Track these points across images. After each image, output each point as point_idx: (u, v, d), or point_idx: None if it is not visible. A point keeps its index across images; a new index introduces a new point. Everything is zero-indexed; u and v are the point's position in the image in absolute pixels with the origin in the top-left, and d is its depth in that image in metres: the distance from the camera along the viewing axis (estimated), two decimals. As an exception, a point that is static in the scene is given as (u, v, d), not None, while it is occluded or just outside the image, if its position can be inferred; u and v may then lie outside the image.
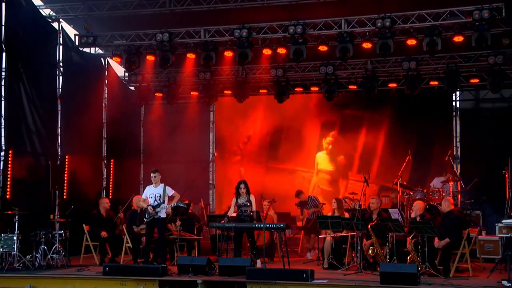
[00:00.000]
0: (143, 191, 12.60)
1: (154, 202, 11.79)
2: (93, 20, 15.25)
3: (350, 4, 13.94)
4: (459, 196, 14.83)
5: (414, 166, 16.41)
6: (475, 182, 14.98)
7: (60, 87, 15.07)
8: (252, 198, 12.04)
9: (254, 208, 12.02)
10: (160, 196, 11.77)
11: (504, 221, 11.36)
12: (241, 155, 18.86)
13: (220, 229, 12.17)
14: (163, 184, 11.96)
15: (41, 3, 15.10)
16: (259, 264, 11.62)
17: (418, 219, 11.37)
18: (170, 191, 11.90)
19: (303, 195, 14.99)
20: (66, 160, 14.69)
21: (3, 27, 13.17)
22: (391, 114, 17.87)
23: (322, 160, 18.42)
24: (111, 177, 16.86)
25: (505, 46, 14.45)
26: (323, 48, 14.74)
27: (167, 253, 12.54)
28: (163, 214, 11.84)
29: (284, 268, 11.11)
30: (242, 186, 12.04)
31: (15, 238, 11.59)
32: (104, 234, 12.93)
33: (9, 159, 12.97)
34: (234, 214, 12.29)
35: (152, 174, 12.02)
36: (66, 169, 14.50)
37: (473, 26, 13.33)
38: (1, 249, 11.60)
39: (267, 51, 15.08)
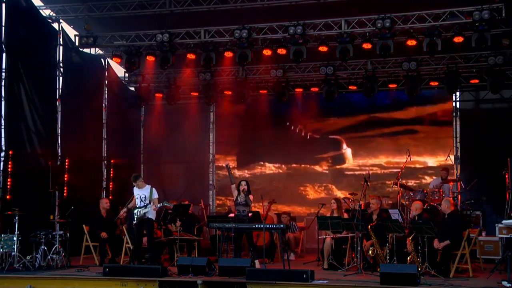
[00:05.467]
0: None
1: (140, 203, 11.82)
2: (93, 21, 15.26)
3: (350, 4, 13.96)
4: (459, 196, 14.83)
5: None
6: (475, 182, 14.99)
7: (60, 87, 15.07)
8: (251, 198, 12.08)
9: (250, 208, 12.07)
10: (145, 197, 11.83)
11: (504, 221, 11.37)
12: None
13: (220, 230, 12.18)
14: (149, 186, 12.00)
15: (41, 4, 15.10)
16: (257, 264, 11.61)
17: (416, 218, 11.38)
18: (155, 194, 11.93)
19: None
20: (66, 160, 14.69)
21: (3, 28, 13.18)
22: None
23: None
24: (111, 178, 16.87)
25: (505, 47, 14.43)
26: (323, 48, 14.73)
27: (159, 254, 12.53)
28: (151, 215, 11.85)
29: (284, 269, 11.12)
30: (243, 183, 12.07)
31: (15, 238, 11.58)
32: (104, 234, 12.93)
33: (9, 159, 12.97)
34: (232, 215, 12.33)
35: (134, 184, 12.06)
36: (66, 169, 14.50)
37: (473, 27, 13.34)
38: (1, 250, 11.60)
39: (267, 52, 15.07)
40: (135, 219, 11.84)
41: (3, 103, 13.13)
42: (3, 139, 13.06)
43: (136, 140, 18.94)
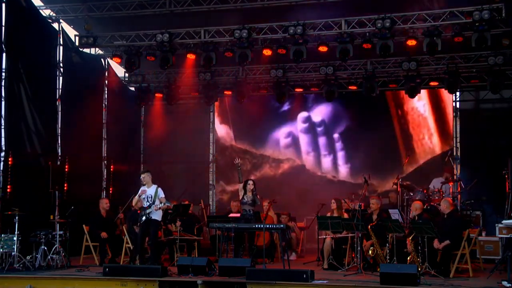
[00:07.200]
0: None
1: (146, 203, 11.80)
2: (93, 21, 15.25)
3: (350, 4, 13.97)
4: (459, 196, 14.83)
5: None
6: (475, 182, 14.99)
7: (60, 87, 15.07)
8: (259, 197, 12.19)
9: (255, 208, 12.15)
10: (151, 197, 11.79)
11: (504, 221, 11.37)
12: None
13: (220, 230, 12.19)
14: (155, 186, 11.97)
15: (41, 4, 15.10)
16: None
17: (416, 218, 11.38)
18: (161, 193, 11.92)
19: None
20: (66, 160, 14.68)
21: (3, 28, 13.17)
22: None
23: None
24: (111, 178, 16.87)
25: (505, 47, 14.43)
26: (323, 48, 14.74)
27: (159, 254, 12.53)
28: (157, 217, 11.82)
29: (284, 269, 11.12)
30: (250, 182, 12.13)
31: (15, 238, 11.58)
32: (104, 234, 12.93)
33: (9, 159, 12.97)
34: (238, 215, 12.34)
35: (141, 176, 12.09)
36: (66, 169, 14.49)
37: (473, 27, 13.33)
38: (1, 250, 11.59)
39: (267, 52, 15.07)
40: (141, 220, 11.80)
41: (3, 103, 13.12)
42: (3, 139, 13.06)
43: (136, 140, 18.95)
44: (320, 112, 18.49)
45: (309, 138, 18.67)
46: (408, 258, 10.96)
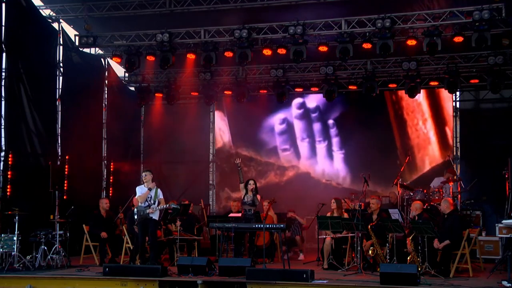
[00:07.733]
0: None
1: (145, 202, 11.80)
2: (93, 21, 15.26)
3: (350, 4, 13.97)
4: (459, 196, 14.83)
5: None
6: (475, 182, 14.99)
7: (60, 87, 15.09)
8: (259, 198, 12.22)
9: (256, 208, 12.18)
10: (151, 198, 11.79)
11: (504, 221, 11.38)
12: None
13: (220, 230, 12.19)
14: (155, 186, 11.98)
15: (41, 4, 15.11)
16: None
17: (416, 218, 11.38)
18: (161, 194, 11.93)
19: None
20: (66, 160, 14.68)
21: (3, 28, 13.19)
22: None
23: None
24: (111, 178, 16.87)
25: (505, 47, 14.44)
26: (323, 48, 14.73)
27: (159, 254, 12.53)
28: (155, 216, 11.82)
29: (284, 269, 11.12)
30: (251, 182, 12.18)
31: (15, 238, 11.59)
32: (104, 234, 12.93)
33: (9, 159, 12.98)
34: (239, 214, 12.35)
35: (143, 173, 12.10)
36: (66, 169, 14.49)
37: (473, 27, 13.33)
38: (1, 250, 11.60)
39: (267, 52, 15.07)
40: (137, 217, 11.81)
41: (3, 103, 13.14)
42: (3, 139, 13.08)
43: (136, 140, 18.94)
44: (315, 98, 18.47)
45: (304, 124, 18.70)
46: (408, 258, 10.96)
